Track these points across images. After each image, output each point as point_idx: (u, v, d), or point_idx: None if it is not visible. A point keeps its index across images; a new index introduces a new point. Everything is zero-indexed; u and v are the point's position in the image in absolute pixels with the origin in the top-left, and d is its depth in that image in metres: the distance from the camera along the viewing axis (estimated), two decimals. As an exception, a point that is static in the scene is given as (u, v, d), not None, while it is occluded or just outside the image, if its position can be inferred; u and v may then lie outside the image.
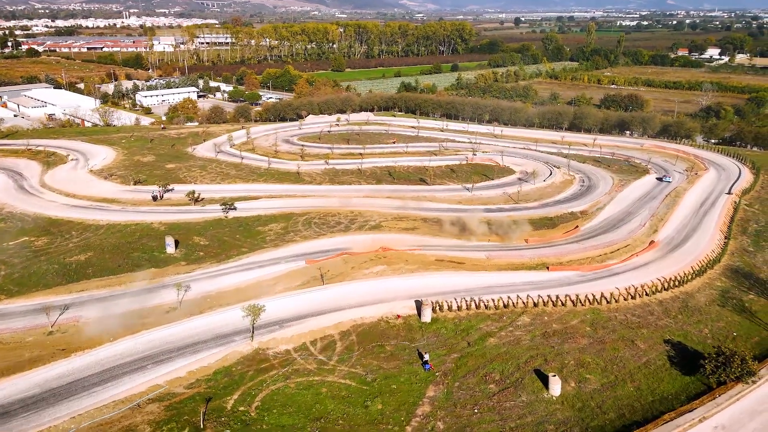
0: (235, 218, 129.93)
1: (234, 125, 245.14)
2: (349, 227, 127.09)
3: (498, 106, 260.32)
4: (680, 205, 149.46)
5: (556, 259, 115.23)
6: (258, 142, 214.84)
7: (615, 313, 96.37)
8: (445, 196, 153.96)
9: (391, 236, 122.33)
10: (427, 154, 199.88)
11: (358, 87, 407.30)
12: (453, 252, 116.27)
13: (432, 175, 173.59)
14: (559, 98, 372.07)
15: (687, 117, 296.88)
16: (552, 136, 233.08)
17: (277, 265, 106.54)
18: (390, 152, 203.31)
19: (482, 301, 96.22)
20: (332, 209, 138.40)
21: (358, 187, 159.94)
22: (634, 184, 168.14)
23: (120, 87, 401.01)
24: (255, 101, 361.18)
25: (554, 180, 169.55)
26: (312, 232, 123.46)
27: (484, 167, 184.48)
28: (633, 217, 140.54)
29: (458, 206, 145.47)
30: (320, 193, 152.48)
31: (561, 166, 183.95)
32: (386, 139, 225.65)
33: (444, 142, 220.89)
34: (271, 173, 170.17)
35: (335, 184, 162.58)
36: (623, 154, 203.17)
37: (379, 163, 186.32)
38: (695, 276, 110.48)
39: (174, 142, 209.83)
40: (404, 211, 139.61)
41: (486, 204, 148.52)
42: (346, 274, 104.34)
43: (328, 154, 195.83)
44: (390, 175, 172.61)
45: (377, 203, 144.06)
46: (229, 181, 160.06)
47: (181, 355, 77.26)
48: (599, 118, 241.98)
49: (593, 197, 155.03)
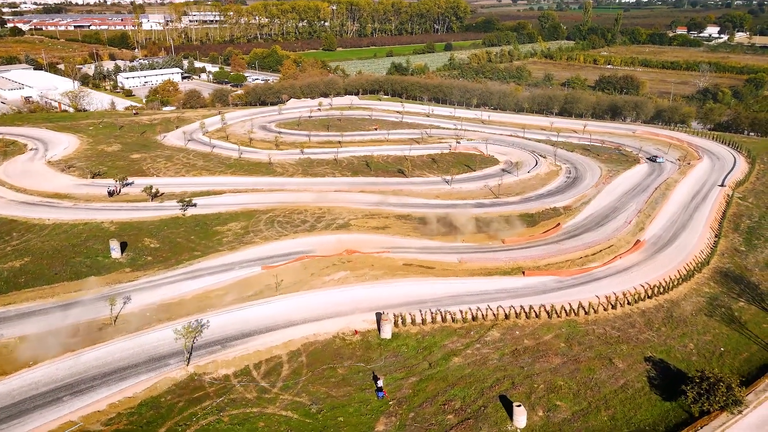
0: (193, 216, 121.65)
1: (211, 110, 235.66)
2: (314, 226, 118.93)
3: (487, 90, 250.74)
4: (670, 198, 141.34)
5: (533, 262, 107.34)
6: (233, 128, 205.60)
7: (593, 326, 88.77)
8: (422, 189, 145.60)
9: (358, 237, 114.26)
10: (409, 142, 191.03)
11: (347, 67, 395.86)
12: (423, 255, 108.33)
13: (411, 166, 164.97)
14: (553, 80, 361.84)
15: (683, 99, 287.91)
16: (541, 122, 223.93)
17: (230, 271, 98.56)
18: (370, 140, 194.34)
19: (449, 313, 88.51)
20: (300, 205, 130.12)
21: (331, 179, 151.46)
22: (624, 174, 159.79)
23: (101, 68, 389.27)
24: (240, 83, 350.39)
25: (539, 171, 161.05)
26: (274, 232, 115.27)
27: (468, 157, 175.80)
28: (619, 212, 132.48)
29: (435, 201, 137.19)
30: (290, 186, 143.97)
31: (548, 155, 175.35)
32: (368, 125, 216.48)
33: (428, 128, 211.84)
34: (241, 164, 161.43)
35: (308, 176, 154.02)
36: (614, 142, 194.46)
37: (357, 153, 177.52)
38: (682, 281, 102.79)
39: (145, 129, 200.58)
40: (377, 207, 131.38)
41: (465, 198, 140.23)
42: (305, 282, 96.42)
43: (304, 143, 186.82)
44: (367, 166, 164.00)
45: (349, 198, 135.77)
46: (194, 174, 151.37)
47: (105, 383, 69.54)
48: (591, 103, 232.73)
49: (579, 190, 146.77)
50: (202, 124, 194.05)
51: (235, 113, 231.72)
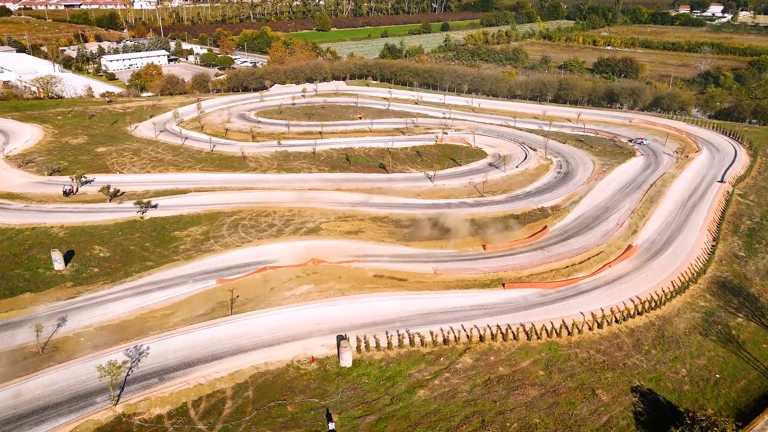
0: (151, 219, 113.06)
1: (189, 97, 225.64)
2: (282, 231, 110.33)
3: (479, 76, 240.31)
4: (666, 196, 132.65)
5: (514, 272, 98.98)
6: (210, 118, 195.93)
7: (576, 349, 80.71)
8: (403, 187, 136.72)
9: (328, 243, 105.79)
10: (394, 133, 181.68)
11: (340, 49, 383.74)
12: (396, 264, 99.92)
13: (394, 161, 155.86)
14: (550, 62, 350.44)
15: (684, 83, 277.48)
16: (534, 110, 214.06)
17: (182, 285, 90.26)
18: (353, 130, 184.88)
19: (418, 335, 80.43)
20: (269, 206, 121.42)
21: (306, 176, 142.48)
22: (618, 169, 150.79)
23: (84, 50, 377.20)
24: (227, 66, 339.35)
25: (528, 166, 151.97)
26: (236, 238, 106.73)
27: (454, 149, 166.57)
28: (611, 213, 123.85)
29: (415, 201, 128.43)
30: (261, 184, 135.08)
31: (538, 148, 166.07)
32: (353, 113, 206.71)
33: (416, 117, 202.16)
34: (213, 159, 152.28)
35: (282, 171, 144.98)
36: (609, 132, 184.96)
37: (337, 145, 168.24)
38: (676, 294, 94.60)
39: (117, 118, 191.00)
40: (352, 208, 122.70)
41: (447, 197, 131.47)
42: (263, 297, 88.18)
43: (282, 134, 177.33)
44: (347, 160, 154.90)
45: (323, 198, 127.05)
46: (160, 170, 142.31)
47: (19, 427, 61.51)
48: (586, 89, 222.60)
49: (569, 188, 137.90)
50: (175, 114, 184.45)
51: (215, 100, 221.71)
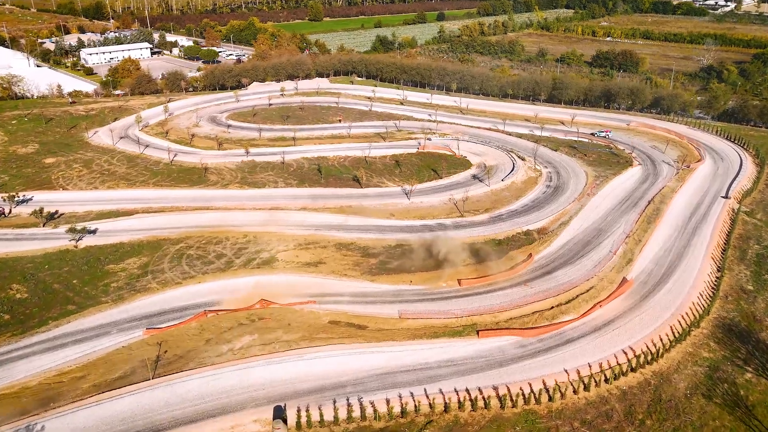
0: (86, 249, 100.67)
1: (160, 97, 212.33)
2: (231, 263, 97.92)
3: (468, 73, 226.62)
4: (665, 216, 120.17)
5: (491, 316, 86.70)
6: (178, 121, 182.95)
7: (557, 421, 68.60)
8: (376, 205, 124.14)
9: (282, 279, 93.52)
10: (374, 138, 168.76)
11: (330, 41, 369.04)
12: (357, 305, 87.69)
13: (370, 172, 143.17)
14: (547, 55, 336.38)
15: (686, 78, 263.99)
16: (526, 111, 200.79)
17: (103, 337, 78.10)
18: (330, 135, 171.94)
19: (372, 404, 68.35)
20: (222, 230, 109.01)
21: (271, 191, 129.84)
22: (613, 182, 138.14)
23: (62, 43, 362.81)
24: (212, 59, 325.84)
25: (515, 178, 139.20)
26: (178, 272, 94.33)
27: (437, 158, 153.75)
28: (604, 237, 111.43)
29: (387, 223, 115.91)
30: (218, 202, 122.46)
31: (528, 156, 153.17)
32: (332, 115, 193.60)
33: (399, 120, 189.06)
34: (171, 171, 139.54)
35: (245, 186, 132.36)
36: (605, 138, 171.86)
37: (311, 153, 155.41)
38: (675, 343, 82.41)
39: (77, 122, 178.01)
40: (315, 232, 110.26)
41: (423, 217, 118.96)
42: (196, 353, 75.95)
43: (252, 140, 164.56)
44: (318, 172, 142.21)
45: (284, 220, 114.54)
46: (110, 185, 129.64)
47: None
48: (582, 88, 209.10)
49: (559, 205, 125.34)
50: (138, 118, 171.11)
51: (187, 101, 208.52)
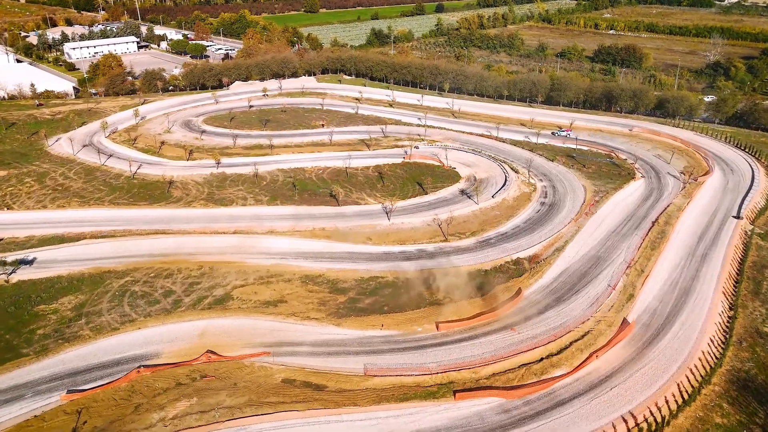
0: (18, 285, 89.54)
1: (135, 98, 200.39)
2: (179, 302, 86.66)
3: (462, 73, 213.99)
4: (671, 240, 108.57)
5: (471, 372, 75.40)
6: (149, 126, 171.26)
7: None
8: (353, 227, 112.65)
9: (235, 322, 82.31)
10: (357, 146, 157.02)
11: (324, 34, 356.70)
12: (317, 358, 76.50)
13: (349, 186, 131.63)
14: (547, 49, 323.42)
15: (691, 75, 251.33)
16: (522, 115, 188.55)
17: (14, 403, 67.13)
18: (310, 142, 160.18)
19: (321, 495, 57.23)
20: (175, 260, 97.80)
21: (236, 211, 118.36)
22: (614, 198, 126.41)
23: (45, 37, 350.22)
24: (200, 54, 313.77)
25: (507, 194, 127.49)
26: (117, 315, 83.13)
27: (424, 169, 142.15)
28: (603, 266, 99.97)
29: (363, 249, 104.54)
30: (177, 224, 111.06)
31: (522, 168, 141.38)
32: (315, 119, 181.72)
33: (387, 124, 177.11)
34: (131, 186, 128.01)
35: (209, 204, 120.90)
36: (606, 146, 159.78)
37: (287, 163, 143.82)
38: (684, 405, 71.11)
39: (41, 127, 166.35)
40: (280, 261, 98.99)
41: (404, 242, 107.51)
42: (121, 424, 64.81)
43: (226, 148, 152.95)
44: (293, 187, 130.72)
45: (247, 246, 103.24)
46: (60, 204, 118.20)
47: None
48: (582, 89, 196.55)
49: (553, 226, 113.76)
50: (103, 124, 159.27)
51: (163, 102, 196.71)
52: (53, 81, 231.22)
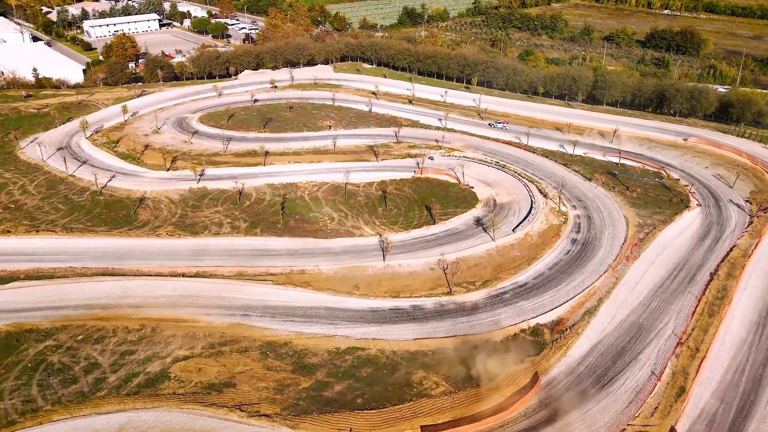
0: None
1: (133, 89, 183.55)
2: (102, 381, 69.42)
3: (492, 65, 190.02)
4: (734, 302, 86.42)
5: None
6: (138, 124, 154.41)
7: None
8: (339, 269, 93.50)
9: (162, 416, 64.83)
10: (364, 155, 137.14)
11: (353, 13, 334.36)
12: (256, 483, 58.33)
13: (346, 209, 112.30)
14: (593, 32, 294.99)
15: (756, 65, 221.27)
16: (558, 117, 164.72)
17: None
18: (311, 149, 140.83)
19: None
20: (114, 314, 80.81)
21: (207, 242, 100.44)
22: (662, 237, 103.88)
23: (65, 14, 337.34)
24: (221, 33, 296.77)
25: (532, 228, 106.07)
26: (18, 401, 66.39)
27: (436, 188, 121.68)
28: (645, 340, 78.79)
29: (345, 303, 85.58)
30: (130, 262, 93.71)
31: (552, 191, 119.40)
32: (323, 118, 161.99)
33: (401, 126, 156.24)
34: (95, 204, 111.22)
35: (178, 232, 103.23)
36: (655, 161, 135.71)
37: (280, 176, 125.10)
38: None
39: (21, 123, 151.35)
40: (241, 320, 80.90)
41: (397, 294, 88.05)
42: None
43: (215, 155, 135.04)
44: (281, 209, 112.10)
45: (205, 296, 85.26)
46: (4, 229, 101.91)
47: None
48: (629, 87, 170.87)
49: (584, 277, 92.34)
50: (83, 123, 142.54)
51: (161, 95, 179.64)
52: (62, 64, 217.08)
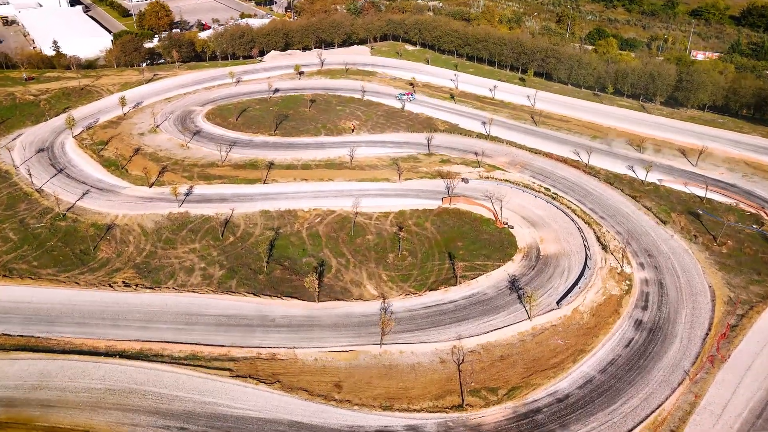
0: None
1: (145, 72, 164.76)
2: None
3: (554, 54, 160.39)
4: None
5: None
6: (136, 119, 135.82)
7: None
8: (318, 357, 72.24)
9: None
10: (384, 171, 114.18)
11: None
12: None
13: (350, 252, 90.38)
14: (678, 6, 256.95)
15: None
16: (630, 123, 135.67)
17: None
18: (324, 162, 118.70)
19: None
20: (19, 416, 62.46)
21: (164, 299, 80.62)
22: (762, 324, 77.12)
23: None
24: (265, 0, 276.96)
25: (583, 301, 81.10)
26: None
27: (465, 225, 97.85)
28: None
29: (315, 420, 64.25)
30: (58, 329, 75.26)
31: (613, 237, 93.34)
32: (345, 119, 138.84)
33: (436, 131, 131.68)
34: (52, 233, 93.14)
35: (135, 281, 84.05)
36: (752, 196, 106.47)
37: (277, 200, 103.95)
38: None
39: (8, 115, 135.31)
40: (174, 438, 61.05)
41: (390, 405, 66.16)
42: None
43: (210, 166, 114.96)
44: (269, 251, 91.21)
45: (137, 393, 65.83)
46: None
47: None
48: (721, 88, 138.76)
49: (649, 392, 67.65)
50: (70, 121, 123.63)
51: (172, 80, 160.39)
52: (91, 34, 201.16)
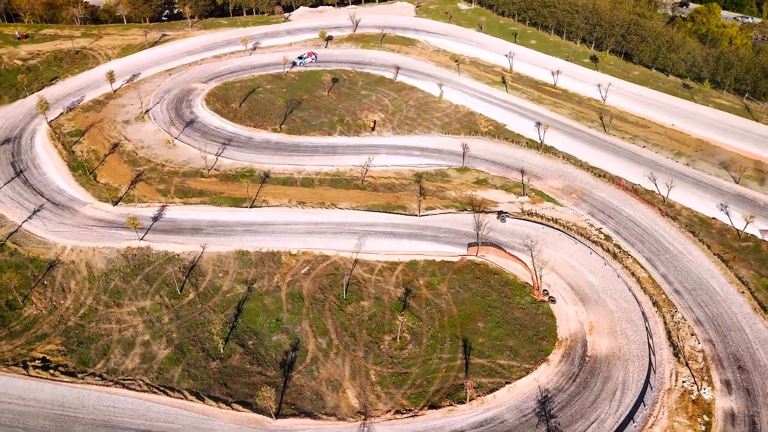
0: None
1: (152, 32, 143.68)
2: None
3: (636, 30, 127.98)
4: None
5: None
6: (127, 98, 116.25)
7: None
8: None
9: None
10: (403, 195, 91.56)
11: None
12: None
13: (333, 333, 70.16)
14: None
15: None
16: (725, 137, 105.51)
17: None
18: (331, 175, 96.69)
19: None
20: None
21: (76, 414, 63.20)
22: None
23: None
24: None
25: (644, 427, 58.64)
26: None
27: (493, 291, 75.38)
28: None
29: None
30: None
31: (691, 336, 69.00)
32: (368, 109, 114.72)
33: (476, 134, 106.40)
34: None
35: (54, 363, 66.75)
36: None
37: (262, 235, 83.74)
38: None
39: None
40: None
41: None
42: None
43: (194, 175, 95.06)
44: (233, 323, 72.02)
45: None
46: None
47: None
48: None
49: None
50: (41, 105, 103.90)
51: (181, 43, 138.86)
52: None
